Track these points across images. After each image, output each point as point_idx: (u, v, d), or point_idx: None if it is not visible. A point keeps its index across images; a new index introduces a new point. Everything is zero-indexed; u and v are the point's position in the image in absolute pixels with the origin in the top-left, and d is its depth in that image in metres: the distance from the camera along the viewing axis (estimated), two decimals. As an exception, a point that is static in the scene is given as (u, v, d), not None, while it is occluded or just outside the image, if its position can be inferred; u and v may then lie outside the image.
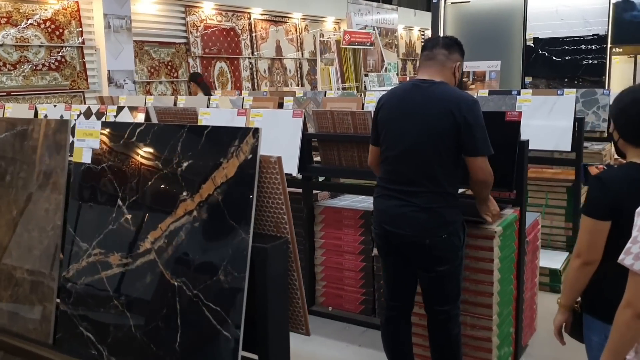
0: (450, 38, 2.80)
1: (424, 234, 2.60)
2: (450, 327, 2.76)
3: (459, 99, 2.55)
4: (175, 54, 10.22)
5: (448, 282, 2.71)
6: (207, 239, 1.47)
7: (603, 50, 9.80)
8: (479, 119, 2.56)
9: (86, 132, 1.71)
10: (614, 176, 1.94)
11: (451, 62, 2.70)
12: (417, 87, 2.67)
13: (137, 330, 1.57)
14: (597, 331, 2.00)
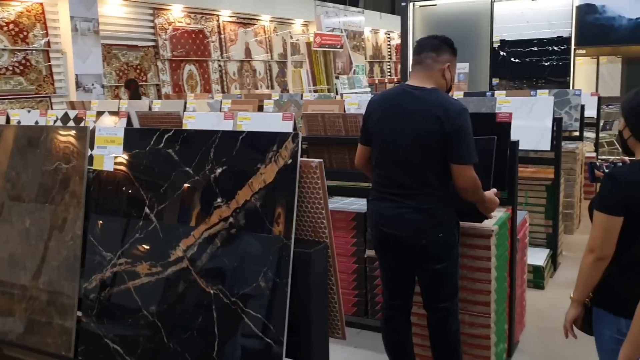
0: (439, 38, 2.77)
1: (420, 234, 2.64)
2: (450, 323, 2.80)
3: (447, 107, 2.57)
4: (144, 57, 10.07)
5: (446, 280, 2.75)
6: (245, 245, 1.45)
7: (567, 51, 10.06)
8: (466, 127, 2.59)
9: (107, 139, 1.67)
10: (627, 174, 1.99)
11: (440, 65, 2.70)
12: (408, 94, 2.68)
13: (170, 341, 1.54)
14: (608, 324, 2.05)
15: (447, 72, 2.73)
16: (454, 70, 2.79)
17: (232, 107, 6.09)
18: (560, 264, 5.13)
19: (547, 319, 4.08)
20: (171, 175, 1.58)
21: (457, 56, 2.81)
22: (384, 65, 18.69)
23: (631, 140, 2.07)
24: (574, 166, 5.79)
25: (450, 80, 2.78)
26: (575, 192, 5.88)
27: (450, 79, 2.78)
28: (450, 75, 2.76)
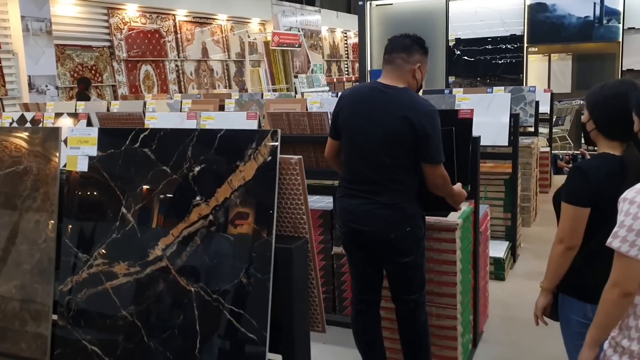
0: (410, 38, 2.79)
1: (389, 229, 2.70)
2: (418, 314, 2.87)
3: (419, 108, 2.63)
4: (99, 58, 9.87)
5: (413, 272, 2.81)
6: (226, 242, 1.46)
7: (520, 49, 10.34)
8: (436, 128, 2.66)
9: (81, 140, 1.66)
10: (593, 166, 2.08)
11: (410, 65, 2.73)
12: (380, 92, 2.72)
13: (151, 340, 1.54)
14: (575, 310, 2.13)
15: (418, 72, 2.77)
16: (425, 70, 2.83)
17: (193, 107, 6.05)
18: (519, 255, 5.28)
19: (509, 308, 4.20)
20: (148, 175, 1.57)
21: (428, 55, 2.85)
22: (341, 64, 18.80)
23: (594, 133, 2.16)
24: (529, 161, 5.97)
25: (420, 80, 2.82)
26: (532, 185, 6.07)
27: (421, 79, 2.83)
28: (421, 75, 2.81)
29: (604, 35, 9.66)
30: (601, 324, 1.80)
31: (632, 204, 1.67)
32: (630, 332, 1.76)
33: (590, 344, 1.85)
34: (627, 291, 1.70)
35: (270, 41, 11.70)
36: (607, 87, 2.13)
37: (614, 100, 2.04)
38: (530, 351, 3.55)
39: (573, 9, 9.80)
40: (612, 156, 2.09)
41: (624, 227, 1.67)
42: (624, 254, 1.67)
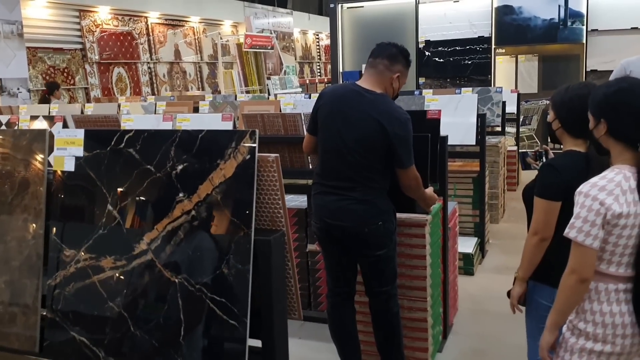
0: (397, 48, 2.92)
1: (363, 224, 2.83)
2: (391, 305, 3.00)
3: (392, 117, 2.76)
4: (71, 60, 9.82)
5: (386, 265, 2.95)
6: (208, 236, 1.57)
7: (488, 50, 10.59)
8: (408, 136, 2.80)
9: (67, 141, 1.74)
10: (563, 163, 2.23)
11: (391, 73, 2.86)
12: (359, 95, 2.84)
13: (137, 329, 1.63)
14: (545, 296, 2.27)
15: (396, 82, 2.89)
16: (404, 80, 2.95)
17: (167, 109, 6.11)
18: (487, 251, 5.46)
19: (478, 302, 4.36)
20: (133, 174, 1.67)
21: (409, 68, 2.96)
22: (313, 65, 18.93)
23: (559, 131, 2.31)
24: (497, 159, 6.17)
25: (398, 89, 2.95)
26: (499, 183, 6.26)
27: (398, 88, 2.95)
28: (399, 85, 2.93)
29: (569, 37, 9.96)
30: (560, 308, 1.94)
31: (586, 197, 1.82)
32: (586, 315, 1.91)
33: (551, 327, 1.99)
34: (584, 277, 1.85)
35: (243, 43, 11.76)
36: (572, 89, 2.28)
37: (579, 101, 2.19)
38: (497, 342, 3.71)
39: (538, 11, 10.08)
40: (578, 153, 2.25)
41: (580, 219, 1.81)
42: (580, 243, 1.82)
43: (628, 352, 1.87)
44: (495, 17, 10.34)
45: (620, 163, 1.85)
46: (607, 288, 1.87)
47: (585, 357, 1.90)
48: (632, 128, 1.81)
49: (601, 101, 1.88)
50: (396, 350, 3.04)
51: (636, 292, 1.84)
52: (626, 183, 1.78)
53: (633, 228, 1.78)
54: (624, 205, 1.76)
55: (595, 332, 1.88)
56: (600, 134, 1.89)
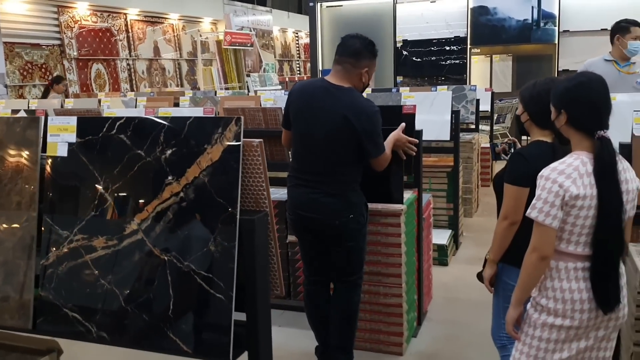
0: (362, 42, 2.99)
1: (334, 216, 2.95)
2: (354, 294, 3.13)
3: (360, 110, 2.88)
4: (50, 56, 9.79)
5: (355, 256, 3.07)
6: (195, 216, 1.67)
7: (464, 50, 10.80)
8: (376, 127, 2.92)
9: (60, 128, 1.83)
10: (531, 152, 2.39)
11: (357, 70, 2.96)
12: (327, 90, 2.95)
13: (128, 304, 1.73)
14: (513, 276, 2.41)
15: (365, 76, 3.00)
16: (372, 71, 3.06)
17: (148, 104, 6.16)
18: (461, 243, 5.64)
19: (451, 291, 4.53)
20: (124, 158, 1.76)
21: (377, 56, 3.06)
22: (293, 63, 19.03)
23: (528, 123, 2.47)
24: (471, 155, 6.35)
25: (367, 81, 3.05)
26: (473, 178, 6.44)
27: (367, 81, 3.05)
28: (368, 78, 3.04)
29: (541, 37, 10.21)
30: (523, 285, 2.08)
31: (547, 180, 1.97)
32: (547, 292, 2.05)
33: (515, 303, 2.13)
34: (544, 255, 1.99)
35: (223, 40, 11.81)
36: (539, 84, 2.45)
37: (545, 95, 2.34)
38: (469, 328, 3.87)
39: (513, 12, 10.32)
40: (545, 143, 2.41)
41: (541, 200, 1.96)
42: (540, 223, 1.96)
43: (585, 325, 2.02)
44: (471, 18, 10.55)
45: (579, 150, 2.00)
46: (567, 266, 2.01)
47: (547, 331, 2.05)
48: (589, 118, 1.97)
49: (562, 94, 2.03)
50: (348, 338, 3.15)
51: (593, 270, 1.99)
52: (583, 167, 1.93)
53: (589, 209, 1.93)
54: (580, 187, 1.91)
55: (556, 308, 2.02)
56: (561, 124, 2.04)
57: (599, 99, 1.96)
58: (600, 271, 1.97)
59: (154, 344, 1.71)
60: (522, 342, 2.12)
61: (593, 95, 1.97)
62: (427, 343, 3.69)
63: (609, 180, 1.91)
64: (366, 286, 3.49)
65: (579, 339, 2.04)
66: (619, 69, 4.33)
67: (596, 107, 1.96)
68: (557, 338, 2.04)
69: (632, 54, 4.38)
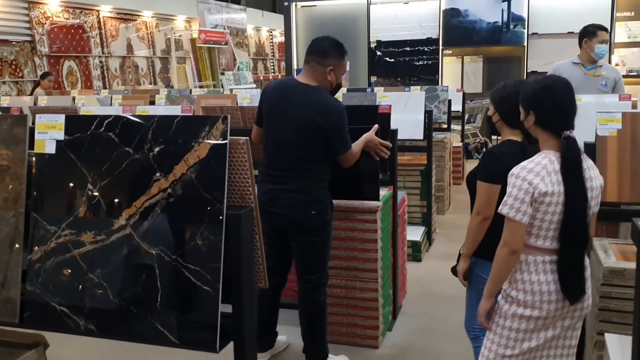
0: (329, 42, 3.10)
1: (297, 211, 3.04)
2: (317, 294, 3.19)
3: (326, 109, 2.97)
4: (20, 52, 9.66)
5: (317, 252, 3.14)
6: (183, 211, 1.73)
7: (436, 51, 10.97)
8: (343, 125, 3.01)
9: (48, 125, 1.87)
10: (503, 151, 2.49)
11: (323, 68, 3.05)
12: (295, 89, 3.06)
13: (116, 297, 1.78)
14: (485, 270, 2.52)
15: (331, 75, 3.07)
16: (340, 71, 3.12)
17: (123, 102, 6.16)
18: (434, 239, 5.77)
19: (425, 285, 4.65)
20: (112, 155, 1.81)
21: (345, 56, 3.14)
22: (267, 62, 19.04)
23: (499, 123, 2.58)
24: (443, 154, 6.49)
25: (334, 81, 3.11)
26: (445, 177, 6.59)
27: (335, 80, 3.12)
28: (335, 77, 3.10)
29: (511, 39, 10.44)
30: (495, 278, 2.19)
31: (517, 178, 2.07)
32: (517, 284, 2.16)
33: (487, 295, 2.24)
34: (514, 249, 2.10)
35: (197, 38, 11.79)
36: (508, 86, 2.56)
37: (515, 96, 2.45)
38: (442, 321, 3.99)
39: (483, 14, 10.52)
40: (515, 142, 2.52)
41: (511, 197, 2.06)
42: (511, 219, 2.07)
43: (553, 315, 2.14)
44: (443, 20, 10.73)
45: (547, 149, 2.11)
46: (536, 260, 2.12)
47: (517, 321, 2.16)
48: (555, 119, 2.08)
49: (530, 96, 2.14)
50: (318, 338, 3.22)
51: (560, 263, 2.10)
52: (551, 166, 2.05)
53: (557, 205, 2.04)
54: (549, 185, 2.02)
55: (525, 299, 2.13)
56: (529, 124, 2.16)
57: (564, 100, 2.07)
58: (566, 264, 2.08)
59: (141, 335, 1.76)
60: (494, 332, 2.23)
61: (558, 98, 2.08)
62: (402, 336, 3.80)
63: (574, 178, 2.02)
64: (343, 281, 3.59)
65: (547, 328, 2.16)
66: (585, 72, 4.50)
67: (561, 108, 2.07)
68: (527, 328, 2.15)
69: (599, 57, 4.56)
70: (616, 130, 2.69)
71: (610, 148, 2.72)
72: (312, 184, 3.04)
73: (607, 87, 4.45)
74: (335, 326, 3.63)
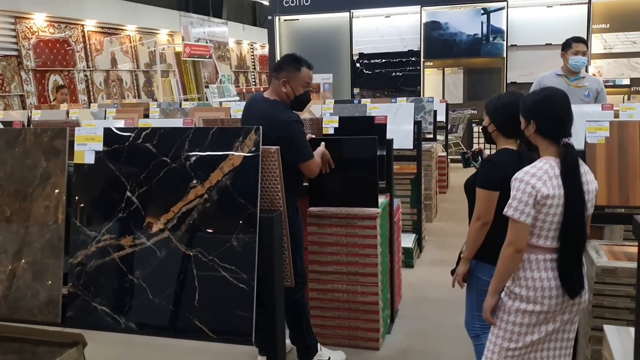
0: (288, 56, 3.33)
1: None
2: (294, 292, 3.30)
3: (276, 122, 3.12)
4: (7, 67, 9.67)
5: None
6: (219, 215, 1.87)
7: (417, 63, 11.24)
8: (294, 135, 3.15)
9: (87, 137, 2.00)
10: (500, 159, 2.67)
11: (277, 81, 3.26)
12: (257, 103, 3.31)
13: (155, 297, 1.91)
14: (485, 272, 2.70)
15: (286, 87, 3.24)
16: (296, 83, 3.26)
17: (117, 115, 6.26)
18: (424, 246, 5.95)
19: (419, 290, 4.81)
20: (150, 164, 1.95)
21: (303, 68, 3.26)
22: (248, 75, 19.19)
23: (495, 133, 2.76)
24: (430, 163, 6.69)
25: (291, 93, 3.26)
26: (432, 185, 6.79)
27: (292, 91, 3.26)
28: (291, 88, 3.25)
29: (491, 51, 10.75)
30: (500, 275, 2.35)
31: (521, 182, 2.25)
32: (520, 281, 2.33)
33: (492, 292, 2.40)
34: (519, 248, 2.26)
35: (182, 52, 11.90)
36: (503, 97, 2.75)
37: (509, 107, 2.64)
38: (438, 323, 4.16)
39: (463, 27, 10.83)
40: (511, 151, 2.71)
41: (516, 200, 2.24)
42: (516, 220, 2.24)
43: (553, 310, 2.31)
44: (424, 33, 11.01)
45: (547, 155, 2.30)
46: (537, 258, 2.30)
47: (520, 316, 2.33)
48: (555, 127, 2.27)
49: (531, 106, 2.33)
50: (300, 330, 3.42)
51: (560, 260, 2.28)
52: (552, 171, 2.23)
53: (557, 207, 2.23)
54: (550, 188, 2.21)
55: (528, 295, 2.30)
56: (530, 133, 2.34)
57: (562, 110, 2.27)
58: (566, 261, 2.26)
59: (180, 331, 1.89)
60: (498, 327, 2.40)
61: (557, 107, 2.27)
62: (401, 338, 3.95)
63: (573, 182, 2.21)
64: (344, 286, 3.74)
65: (548, 322, 2.33)
66: (568, 83, 4.74)
67: (560, 117, 2.27)
68: (529, 322, 2.32)
69: (574, 67, 4.80)
70: (604, 137, 2.90)
71: (599, 155, 2.92)
72: None
73: (590, 97, 4.69)
74: (337, 329, 3.78)
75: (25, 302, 2.03)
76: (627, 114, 4.13)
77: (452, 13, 10.90)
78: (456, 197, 8.02)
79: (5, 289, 2.05)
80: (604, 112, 4.08)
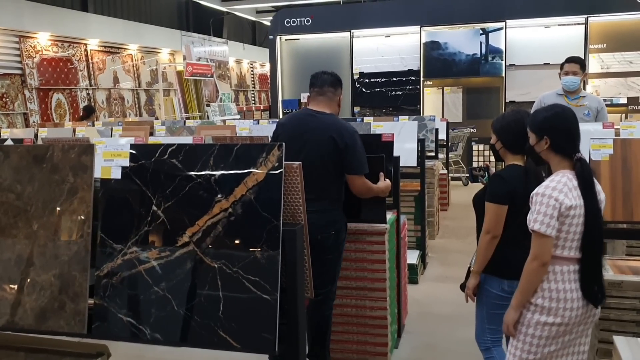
0: (334, 76, 3.54)
1: (316, 231, 3.26)
2: (324, 308, 3.43)
3: (341, 129, 3.33)
4: (11, 86, 9.76)
5: (328, 269, 3.37)
6: (243, 228, 1.93)
7: (417, 82, 11.38)
8: (357, 144, 3.34)
9: (114, 154, 2.07)
10: (508, 174, 2.75)
11: (336, 97, 3.51)
12: (312, 116, 3.40)
13: (180, 308, 1.97)
14: (495, 285, 2.76)
15: (339, 103, 3.55)
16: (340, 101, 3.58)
17: (124, 133, 6.33)
18: (428, 263, 6.01)
19: (424, 306, 4.87)
20: (176, 179, 2.01)
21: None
22: (248, 93, 19.35)
23: (502, 150, 2.85)
24: (432, 181, 6.78)
25: (340, 108, 3.60)
26: (434, 202, 6.86)
27: (341, 106, 3.60)
28: (340, 104, 3.59)
29: (489, 70, 10.91)
30: (524, 289, 2.38)
31: (543, 196, 2.30)
32: (544, 292, 2.36)
33: (516, 306, 2.41)
34: (544, 261, 2.31)
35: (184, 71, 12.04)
36: (508, 115, 2.84)
37: (515, 125, 2.73)
38: (444, 337, 4.21)
39: (462, 47, 11.00)
40: (518, 166, 2.79)
41: (540, 214, 2.29)
42: (542, 234, 2.28)
43: (573, 322, 2.35)
44: (424, 52, 11.17)
45: (560, 170, 2.37)
46: (562, 269, 2.33)
47: (540, 328, 2.36)
48: (567, 143, 2.35)
49: (542, 123, 2.41)
50: (321, 346, 3.45)
51: (583, 269, 2.33)
52: (570, 183, 2.31)
53: (579, 217, 2.29)
54: (572, 199, 2.28)
55: (550, 306, 2.33)
56: (542, 149, 2.41)
57: (572, 125, 2.35)
58: (589, 270, 2.32)
59: (205, 341, 1.95)
60: (517, 339, 2.43)
61: (568, 124, 2.36)
62: (408, 352, 4.00)
63: (590, 193, 2.29)
64: (353, 300, 3.79)
65: (565, 334, 2.37)
66: (568, 102, 4.85)
67: (572, 133, 2.35)
68: (548, 335, 2.35)
69: (567, 87, 4.92)
70: (608, 155, 2.98)
71: (603, 171, 3.00)
72: (329, 205, 3.30)
73: (590, 116, 4.79)
74: (346, 344, 3.82)
75: (52, 314, 2.08)
76: (627, 132, 4.22)
77: (452, 33, 11.08)
78: (457, 214, 8.10)
79: (32, 301, 2.10)
80: (605, 130, 4.17)
